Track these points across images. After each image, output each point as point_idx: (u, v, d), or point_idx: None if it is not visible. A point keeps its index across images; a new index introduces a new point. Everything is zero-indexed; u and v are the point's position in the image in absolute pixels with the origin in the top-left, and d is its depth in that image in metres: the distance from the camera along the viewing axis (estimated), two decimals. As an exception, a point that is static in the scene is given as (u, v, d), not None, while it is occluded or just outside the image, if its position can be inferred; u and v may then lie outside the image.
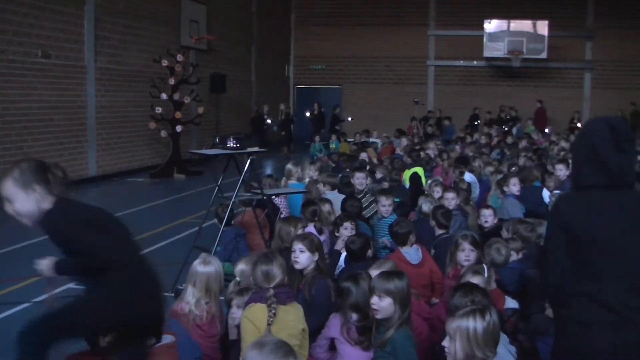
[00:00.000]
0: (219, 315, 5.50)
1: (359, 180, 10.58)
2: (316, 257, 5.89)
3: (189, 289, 5.48)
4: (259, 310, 4.72)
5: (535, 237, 7.34)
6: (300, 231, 7.03)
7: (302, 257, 5.85)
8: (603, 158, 3.58)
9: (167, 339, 4.52)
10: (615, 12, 28.41)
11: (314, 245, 5.91)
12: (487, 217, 8.47)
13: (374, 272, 5.19)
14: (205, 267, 5.49)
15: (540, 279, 4.24)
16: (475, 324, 3.79)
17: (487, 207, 8.85)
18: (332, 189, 10.26)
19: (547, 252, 3.79)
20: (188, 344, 4.91)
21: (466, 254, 6.30)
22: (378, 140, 22.42)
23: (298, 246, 5.89)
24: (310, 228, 7.60)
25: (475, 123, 28.23)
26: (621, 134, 3.60)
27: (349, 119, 28.60)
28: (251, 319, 4.69)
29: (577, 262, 3.59)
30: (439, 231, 7.83)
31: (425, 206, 8.96)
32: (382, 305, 4.67)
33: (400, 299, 4.68)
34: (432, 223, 7.92)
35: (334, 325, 5.05)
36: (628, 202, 3.59)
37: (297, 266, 5.85)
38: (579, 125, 26.58)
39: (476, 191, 11.65)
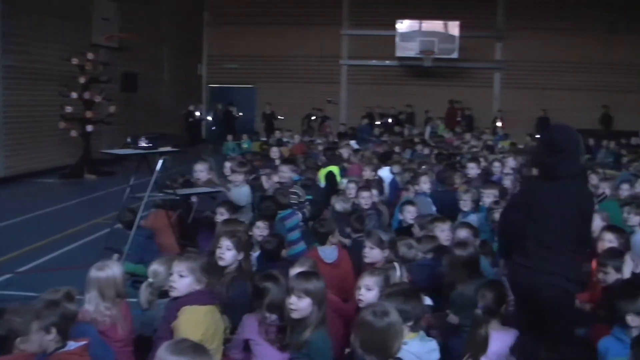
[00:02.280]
0: (121, 319, 5.34)
1: (282, 173, 10.40)
2: (241, 256, 5.79)
3: (87, 295, 5.34)
4: (195, 313, 4.71)
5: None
6: None
7: (228, 255, 5.72)
8: (543, 159, 5.51)
9: (78, 343, 4.43)
10: (525, 14, 28.94)
11: (241, 244, 5.80)
12: (413, 214, 8.52)
13: (295, 271, 5.23)
14: (98, 272, 5.30)
15: (498, 229, 6.21)
16: (375, 321, 4.05)
17: (411, 203, 8.88)
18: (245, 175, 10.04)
19: (507, 212, 5.88)
20: (101, 348, 4.81)
21: (366, 251, 6.38)
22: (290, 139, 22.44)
23: (225, 243, 5.74)
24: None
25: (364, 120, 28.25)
26: (548, 144, 5.40)
27: (280, 117, 28.52)
28: (192, 321, 4.65)
29: (524, 223, 5.32)
30: (354, 234, 7.89)
31: (339, 205, 9.02)
32: (301, 305, 4.67)
33: (318, 300, 4.70)
34: (348, 230, 7.98)
35: (248, 326, 5.00)
36: (555, 188, 5.24)
37: (222, 263, 5.72)
38: (499, 124, 27.21)
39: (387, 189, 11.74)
